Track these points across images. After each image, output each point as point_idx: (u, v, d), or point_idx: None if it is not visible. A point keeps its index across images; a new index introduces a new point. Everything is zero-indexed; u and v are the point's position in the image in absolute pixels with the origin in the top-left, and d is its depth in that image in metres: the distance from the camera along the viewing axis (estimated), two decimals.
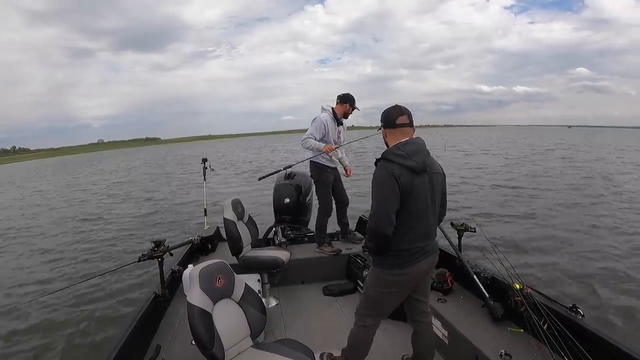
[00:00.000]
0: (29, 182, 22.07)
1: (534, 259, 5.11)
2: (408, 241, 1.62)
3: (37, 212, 11.03)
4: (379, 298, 1.75)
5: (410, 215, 1.58)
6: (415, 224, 1.61)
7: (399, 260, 1.63)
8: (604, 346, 1.55)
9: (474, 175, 13.16)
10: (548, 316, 1.75)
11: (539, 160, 18.68)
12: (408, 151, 1.56)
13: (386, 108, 1.70)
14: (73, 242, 7.17)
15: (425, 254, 1.68)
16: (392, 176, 1.52)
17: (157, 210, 9.58)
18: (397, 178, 1.51)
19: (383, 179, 1.55)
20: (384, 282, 1.70)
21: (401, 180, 1.52)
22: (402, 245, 1.61)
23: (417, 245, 1.64)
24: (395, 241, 1.59)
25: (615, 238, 5.97)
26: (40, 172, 29.93)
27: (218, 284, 1.65)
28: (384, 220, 1.54)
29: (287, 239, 3.43)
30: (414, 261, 1.64)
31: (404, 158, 1.55)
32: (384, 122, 1.68)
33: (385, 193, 1.54)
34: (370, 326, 1.81)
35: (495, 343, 1.83)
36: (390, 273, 1.66)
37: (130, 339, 1.80)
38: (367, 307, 1.80)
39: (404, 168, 1.54)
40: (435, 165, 1.69)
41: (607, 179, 12.06)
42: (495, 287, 2.17)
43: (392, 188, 1.52)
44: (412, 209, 1.57)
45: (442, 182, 1.74)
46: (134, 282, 4.65)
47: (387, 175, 1.53)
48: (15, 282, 5.12)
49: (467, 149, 27.71)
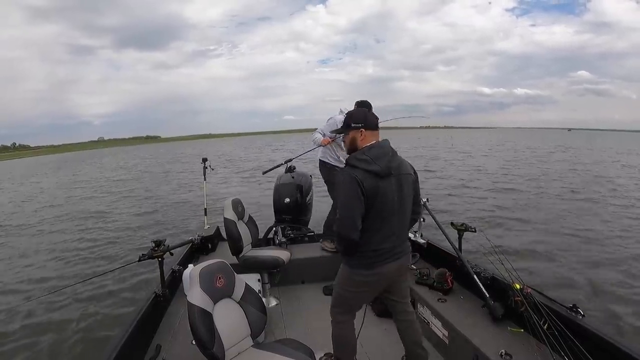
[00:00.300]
0: (30, 179, 22.08)
1: (534, 259, 5.12)
2: (375, 242, 1.64)
3: (37, 208, 11.03)
4: (348, 296, 1.80)
5: (377, 217, 1.61)
6: (381, 226, 1.64)
7: (366, 261, 1.67)
8: (604, 346, 1.55)
9: (474, 178, 13.17)
10: (548, 316, 1.75)
11: (538, 162, 18.69)
12: (372, 155, 1.59)
13: (354, 110, 1.71)
14: (72, 240, 7.17)
15: (393, 255, 1.71)
16: (354, 181, 1.54)
17: (157, 210, 9.57)
18: (360, 183, 1.54)
19: (346, 184, 1.58)
20: (353, 282, 1.74)
21: (364, 185, 1.54)
22: (369, 246, 1.64)
23: (384, 247, 1.66)
24: (362, 243, 1.62)
25: (615, 238, 5.98)
26: (40, 170, 29.92)
27: (218, 284, 1.66)
28: (348, 225, 1.57)
29: (287, 239, 3.43)
30: (381, 262, 1.67)
31: (368, 163, 1.57)
32: (363, 123, 1.65)
33: (349, 199, 1.57)
34: (344, 322, 1.85)
35: (496, 343, 1.83)
36: (358, 273, 1.70)
37: (131, 339, 1.80)
38: (337, 304, 1.85)
39: (367, 173, 1.56)
40: (404, 166, 1.71)
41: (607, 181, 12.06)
42: (496, 287, 2.17)
43: (355, 193, 1.55)
44: (378, 212, 1.60)
45: (413, 183, 1.76)
46: (134, 282, 4.65)
47: (350, 181, 1.56)
48: (14, 282, 5.12)
49: (469, 150, 27.74)
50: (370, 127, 1.66)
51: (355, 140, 1.67)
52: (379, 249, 1.66)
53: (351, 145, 1.69)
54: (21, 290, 4.81)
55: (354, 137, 1.67)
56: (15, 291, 4.78)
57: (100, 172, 23.37)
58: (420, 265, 2.74)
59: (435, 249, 2.86)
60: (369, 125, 1.66)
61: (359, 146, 1.66)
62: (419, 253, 2.81)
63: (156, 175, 18.31)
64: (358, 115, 1.71)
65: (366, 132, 1.65)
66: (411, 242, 3.02)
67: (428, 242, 2.96)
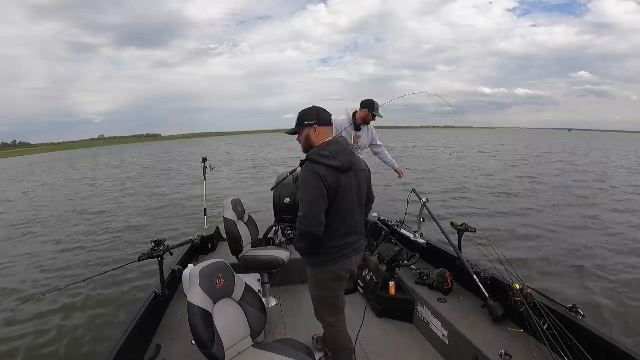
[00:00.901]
0: (30, 177, 22.06)
1: (534, 259, 5.12)
2: (337, 238, 1.67)
3: (36, 207, 11.02)
4: (327, 296, 1.81)
5: (339, 213, 1.64)
6: (344, 220, 1.67)
7: (333, 257, 1.70)
8: (603, 346, 1.55)
9: (474, 177, 13.17)
10: (548, 316, 1.76)
11: (539, 163, 18.71)
12: (332, 151, 1.61)
13: (305, 108, 1.71)
14: (72, 238, 7.17)
15: (354, 250, 1.76)
16: (318, 177, 1.55)
17: (156, 210, 9.57)
18: (324, 178, 1.55)
19: (310, 180, 1.57)
20: (325, 281, 1.76)
21: (328, 180, 1.56)
22: (332, 242, 1.67)
23: (346, 242, 1.70)
24: (325, 239, 1.64)
25: (616, 239, 5.98)
26: (36, 169, 29.87)
27: (218, 284, 1.66)
28: (314, 221, 1.57)
29: (288, 239, 3.43)
30: (345, 257, 1.72)
31: (329, 158, 1.59)
32: (317, 119, 1.67)
33: (314, 194, 1.57)
34: (334, 323, 1.86)
35: (496, 343, 1.83)
36: (329, 271, 1.73)
37: (130, 339, 1.80)
38: (320, 307, 1.85)
39: (329, 168, 1.58)
40: (359, 162, 1.75)
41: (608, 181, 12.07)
42: (496, 287, 2.17)
43: (319, 189, 1.55)
44: (340, 207, 1.62)
45: (367, 178, 1.81)
46: (133, 282, 4.65)
47: (314, 177, 1.56)
48: (14, 282, 5.12)
49: (468, 150, 27.74)
50: (324, 124, 1.68)
51: (310, 137, 1.68)
52: (342, 244, 1.69)
53: (306, 142, 1.70)
54: (20, 290, 4.81)
55: (307, 135, 1.69)
56: (15, 291, 4.78)
57: (100, 170, 23.35)
58: (420, 265, 2.74)
59: (435, 249, 2.86)
60: (322, 121, 1.68)
61: (314, 143, 1.67)
62: (419, 253, 2.81)
63: (156, 174, 18.32)
64: (310, 112, 1.70)
65: (320, 129, 1.67)
66: (411, 242, 3.04)
67: (428, 242, 2.97)
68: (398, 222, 3.37)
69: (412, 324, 2.49)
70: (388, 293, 2.57)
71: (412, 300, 2.50)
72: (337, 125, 3.13)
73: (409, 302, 2.50)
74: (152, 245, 2.28)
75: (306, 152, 1.70)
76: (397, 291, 2.57)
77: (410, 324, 2.50)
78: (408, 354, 2.19)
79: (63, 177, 20.47)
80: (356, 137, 3.28)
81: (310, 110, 1.70)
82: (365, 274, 2.88)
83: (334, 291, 1.81)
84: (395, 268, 2.65)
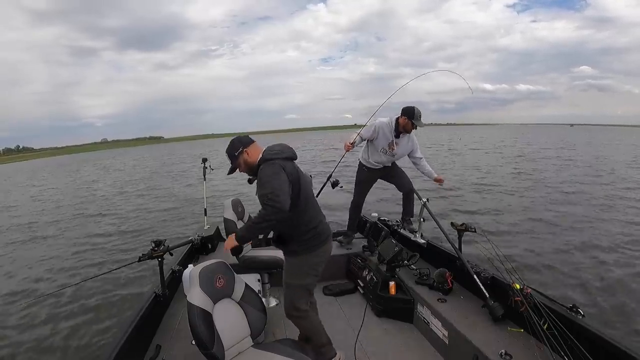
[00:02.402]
0: (34, 181, 22.10)
1: (534, 259, 5.11)
2: (315, 220, 1.83)
3: (39, 210, 11.04)
4: (309, 282, 1.90)
5: (308, 197, 1.80)
6: (313, 204, 1.85)
7: (318, 240, 1.82)
8: (603, 346, 1.55)
9: (475, 177, 13.16)
10: (548, 316, 1.76)
11: (539, 158, 18.71)
12: (279, 149, 1.78)
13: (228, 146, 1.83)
14: (70, 238, 7.18)
15: (328, 237, 1.89)
16: (279, 167, 1.68)
17: (156, 209, 9.59)
18: (284, 168, 1.69)
19: (271, 170, 1.66)
20: (314, 265, 1.85)
21: (287, 170, 1.69)
22: (311, 224, 1.80)
23: (317, 226, 1.83)
24: (305, 222, 1.78)
25: (617, 239, 5.97)
26: (38, 175, 29.94)
27: (218, 284, 1.66)
28: (283, 194, 1.60)
29: None
30: (325, 239, 1.86)
31: (279, 153, 1.76)
32: (242, 144, 1.80)
33: (278, 178, 1.64)
34: (308, 309, 1.94)
35: (496, 343, 1.83)
36: (317, 253, 1.83)
37: (130, 339, 1.80)
38: (298, 297, 1.89)
39: (284, 160, 1.74)
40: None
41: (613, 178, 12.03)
42: (496, 287, 2.17)
43: (283, 176, 1.66)
44: (303, 192, 1.76)
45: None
46: (133, 282, 4.65)
47: (274, 167, 1.68)
48: (14, 282, 5.12)
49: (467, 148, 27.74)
50: (247, 144, 1.81)
51: (247, 160, 1.81)
52: (318, 225, 1.83)
53: (246, 166, 1.81)
54: (19, 290, 4.82)
55: (244, 160, 1.81)
56: (14, 291, 4.78)
57: (101, 173, 23.37)
58: (420, 265, 2.74)
59: (435, 249, 2.86)
60: (245, 143, 1.81)
61: (252, 162, 1.79)
62: (419, 253, 2.81)
63: (156, 175, 18.34)
64: (233, 144, 1.82)
65: (248, 149, 1.80)
66: (411, 242, 3.04)
67: (428, 242, 2.96)
68: (398, 222, 3.37)
69: (412, 324, 2.49)
70: (388, 293, 2.57)
71: (412, 300, 2.50)
72: (377, 125, 3.03)
73: (409, 302, 2.50)
74: (152, 246, 2.27)
75: (252, 173, 1.82)
76: (397, 291, 2.57)
77: (410, 324, 2.50)
78: (408, 354, 2.19)
79: (67, 181, 20.48)
80: (392, 144, 3.03)
81: (231, 144, 1.83)
82: (365, 274, 2.88)
83: (317, 275, 1.90)
84: (395, 268, 2.65)
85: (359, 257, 3.14)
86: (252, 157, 1.79)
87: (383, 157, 3.11)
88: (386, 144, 3.05)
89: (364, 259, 3.06)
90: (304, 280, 1.87)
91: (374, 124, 3.06)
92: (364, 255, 3.13)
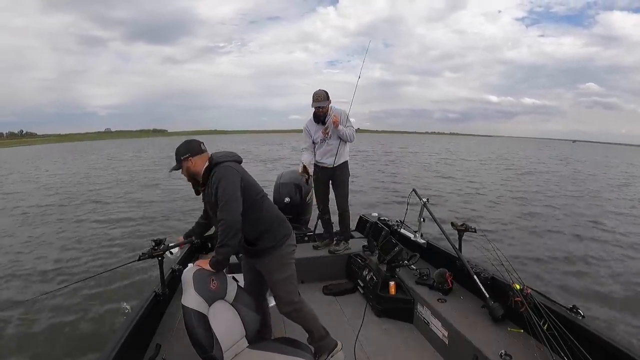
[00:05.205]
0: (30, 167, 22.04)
1: (534, 259, 5.11)
2: (275, 212, 1.91)
3: (38, 204, 11.02)
4: (293, 269, 1.93)
5: (260, 194, 1.85)
6: (267, 198, 1.92)
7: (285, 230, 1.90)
8: (603, 347, 1.55)
9: (477, 181, 13.16)
10: (548, 317, 1.76)
11: (540, 167, 18.70)
12: (224, 153, 1.85)
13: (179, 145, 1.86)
14: (71, 236, 7.15)
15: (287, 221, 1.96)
16: (234, 170, 1.75)
17: (157, 209, 9.57)
18: (237, 170, 1.77)
19: (229, 175, 1.72)
20: (289, 255, 1.91)
21: (239, 170, 1.79)
22: (271, 218, 1.87)
23: (279, 216, 1.92)
24: (269, 216, 1.86)
25: (616, 238, 5.97)
26: (41, 161, 29.86)
27: (212, 286, 1.64)
28: (237, 214, 1.67)
29: None
30: (289, 226, 1.95)
31: (229, 156, 1.83)
32: (190, 152, 1.81)
33: (234, 188, 1.70)
34: (302, 300, 1.96)
35: (496, 343, 1.83)
36: (289, 244, 1.90)
37: (130, 338, 1.79)
38: (290, 290, 1.91)
39: (235, 162, 1.83)
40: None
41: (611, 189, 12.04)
42: (496, 287, 2.17)
43: (238, 182, 1.73)
44: (259, 190, 1.86)
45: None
46: (133, 281, 4.64)
47: (232, 171, 1.74)
48: (12, 282, 5.11)
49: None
50: (196, 153, 1.83)
51: (190, 168, 1.83)
52: (277, 217, 1.90)
53: (188, 173, 1.85)
54: (19, 290, 4.80)
55: (187, 167, 1.83)
56: (12, 291, 4.77)
57: (102, 164, 23.33)
58: (420, 265, 2.74)
59: (435, 249, 2.86)
60: (194, 153, 1.83)
61: (195, 172, 1.83)
62: (419, 253, 2.80)
63: (156, 171, 18.30)
64: (182, 148, 1.85)
65: (194, 159, 1.82)
66: (411, 242, 3.04)
67: (428, 242, 2.96)
68: (398, 222, 3.36)
69: (412, 324, 2.49)
70: (388, 293, 2.56)
71: (412, 300, 2.49)
72: (304, 129, 3.28)
73: (409, 302, 2.50)
74: (152, 245, 2.27)
75: (192, 180, 1.87)
76: (397, 291, 2.57)
77: (410, 324, 2.50)
78: (408, 354, 2.19)
79: (68, 172, 20.45)
80: (324, 130, 3.17)
81: (182, 146, 1.85)
82: (365, 274, 2.87)
83: (294, 263, 1.94)
84: (395, 268, 2.65)
85: (359, 256, 3.14)
86: (196, 167, 1.82)
87: (326, 147, 3.22)
88: (319, 133, 3.22)
89: (364, 258, 3.05)
90: (288, 271, 1.89)
91: (303, 130, 3.31)
92: (364, 255, 3.13)
